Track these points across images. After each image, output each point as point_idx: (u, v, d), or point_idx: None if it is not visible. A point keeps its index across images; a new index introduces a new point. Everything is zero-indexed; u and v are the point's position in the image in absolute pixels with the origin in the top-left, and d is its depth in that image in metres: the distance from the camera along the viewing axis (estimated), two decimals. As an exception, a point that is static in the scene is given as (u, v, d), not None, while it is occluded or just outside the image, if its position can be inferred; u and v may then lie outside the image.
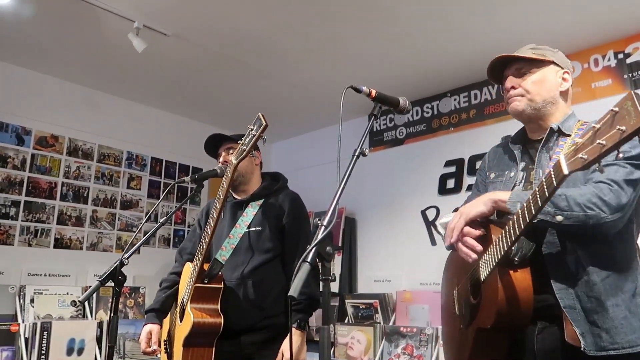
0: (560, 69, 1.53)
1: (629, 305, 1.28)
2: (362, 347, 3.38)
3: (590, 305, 1.28)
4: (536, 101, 1.50)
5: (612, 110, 0.90)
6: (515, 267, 1.30)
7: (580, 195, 1.26)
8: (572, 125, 1.48)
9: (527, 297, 1.28)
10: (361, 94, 1.49)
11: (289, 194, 2.25)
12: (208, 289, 2.00)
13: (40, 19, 2.84)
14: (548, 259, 1.33)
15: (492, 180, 1.62)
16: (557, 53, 1.56)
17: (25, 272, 3.26)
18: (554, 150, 1.45)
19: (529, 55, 1.53)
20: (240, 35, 2.99)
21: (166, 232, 4.09)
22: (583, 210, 1.24)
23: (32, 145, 3.46)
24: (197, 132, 4.30)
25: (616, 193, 1.25)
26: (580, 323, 1.28)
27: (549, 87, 1.50)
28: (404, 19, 2.80)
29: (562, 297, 1.30)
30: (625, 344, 1.25)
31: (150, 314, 2.24)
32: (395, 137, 3.99)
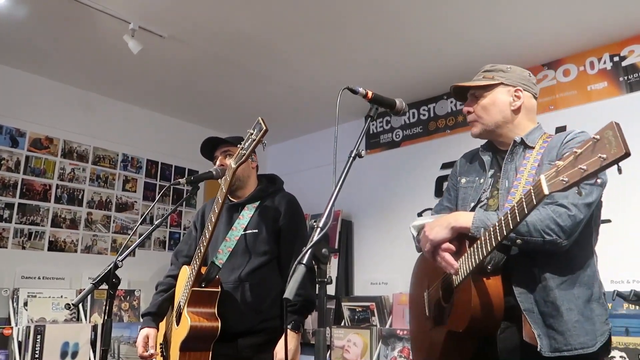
0: (511, 88, 1.61)
1: (582, 310, 1.37)
2: (359, 350, 3.37)
3: (546, 310, 1.37)
4: (488, 124, 1.62)
5: (594, 137, 0.96)
6: (488, 275, 1.38)
7: (539, 220, 1.35)
8: (536, 138, 1.58)
9: (498, 303, 1.37)
10: (357, 95, 1.48)
11: (285, 195, 2.25)
12: (205, 292, 1.98)
13: (35, 20, 2.83)
14: (512, 266, 1.42)
15: (463, 185, 1.72)
16: (509, 72, 1.64)
17: (19, 275, 3.23)
18: (520, 162, 1.54)
19: (475, 84, 1.64)
20: (237, 37, 2.99)
21: (162, 235, 4.06)
22: (541, 235, 1.34)
23: (26, 147, 3.43)
24: (193, 135, 4.29)
25: (573, 218, 1.35)
26: (538, 325, 1.37)
27: (500, 109, 1.60)
28: (400, 22, 2.80)
29: (522, 301, 1.39)
30: (578, 345, 1.34)
31: (147, 317, 2.22)
32: (392, 140, 3.99)
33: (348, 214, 4.04)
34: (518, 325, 1.41)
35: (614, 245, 2.75)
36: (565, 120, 3.10)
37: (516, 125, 1.61)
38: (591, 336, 1.36)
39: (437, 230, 1.48)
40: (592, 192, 1.39)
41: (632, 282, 2.60)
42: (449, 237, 1.47)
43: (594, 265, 1.46)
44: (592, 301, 1.41)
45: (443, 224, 1.48)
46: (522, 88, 1.62)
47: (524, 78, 1.65)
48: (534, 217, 1.34)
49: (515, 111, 1.60)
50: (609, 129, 0.94)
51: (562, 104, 3.15)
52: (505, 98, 1.61)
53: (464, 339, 1.43)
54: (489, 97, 1.62)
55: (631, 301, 2.18)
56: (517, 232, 1.33)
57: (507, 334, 1.44)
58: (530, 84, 1.65)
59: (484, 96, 1.62)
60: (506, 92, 1.61)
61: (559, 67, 3.20)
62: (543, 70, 3.26)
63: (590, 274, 1.43)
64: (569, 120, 3.08)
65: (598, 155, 0.94)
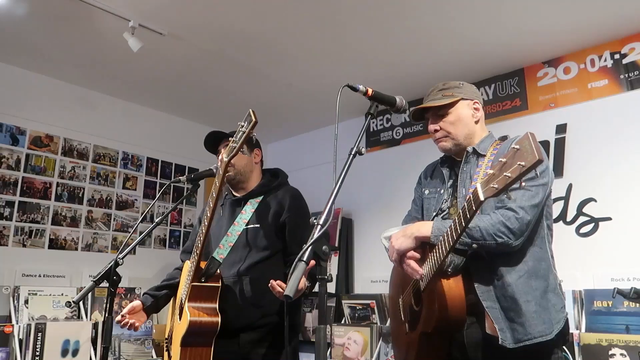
0: (470, 101, 1.75)
1: (539, 301, 1.49)
2: (359, 348, 3.37)
3: (507, 304, 1.48)
4: (458, 139, 1.74)
5: (514, 147, 1.10)
6: (448, 277, 1.49)
7: (491, 225, 1.48)
8: (487, 146, 1.71)
9: (459, 303, 1.48)
10: (358, 92, 1.49)
11: (289, 190, 2.23)
12: (205, 287, 1.98)
13: (35, 18, 2.82)
14: (472, 266, 1.54)
15: (427, 196, 1.86)
16: (463, 87, 1.76)
17: (20, 273, 3.23)
18: (474, 170, 1.67)
19: (439, 103, 1.73)
20: (237, 35, 2.98)
21: (162, 233, 4.07)
22: (494, 239, 1.47)
23: (26, 145, 3.43)
24: (193, 132, 4.29)
25: (521, 220, 1.48)
26: (499, 320, 1.48)
27: (465, 122, 1.73)
28: (401, 20, 2.80)
29: (484, 299, 1.50)
30: (537, 334, 1.45)
31: (145, 295, 2.27)
32: (392, 138, 3.99)
33: (348, 212, 4.04)
34: (481, 320, 1.52)
35: (613, 243, 2.76)
36: (565, 118, 3.10)
37: (475, 135, 1.75)
38: (548, 325, 1.47)
39: (402, 241, 1.61)
40: (537, 194, 1.51)
41: (632, 279, 2.60)
42: (412, 246, 1.58)
43: (548, 258, 1.58)
44: (548, 292, 1.52)
45: (407, 234, 1.61)
46: (477, 100, 1.76)
47: (475, 92, 1.79)
48: (486, 222, 1.48)
49: (477, 122, 1.75)
50: (526, 139, 1.07)
51: (563, 102, 3.15)
52: (467, 112, 1.74)
53: (435, 337, 1.55)
54: (453, 113, 1.73)
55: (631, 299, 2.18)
56: (472, 237, 1.47)
57: (472, 329, 1.55)
58: (479, 97, 1.80)
59: (449, 113, 1.73)
60: (467, 106, 1.74)
61: (559, 64, 3.19)
62: (544, 67, 3.25)
63: (545, 267, 1.55)
64: (570, 118, 3.08)
65: (517, 163, 1.07)
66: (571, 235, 2.90)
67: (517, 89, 3.36)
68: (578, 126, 3.04)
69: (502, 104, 3.41)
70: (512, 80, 3.39)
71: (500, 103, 3.41)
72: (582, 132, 3.01)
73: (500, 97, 3.42)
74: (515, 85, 3.37)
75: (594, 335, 2.49)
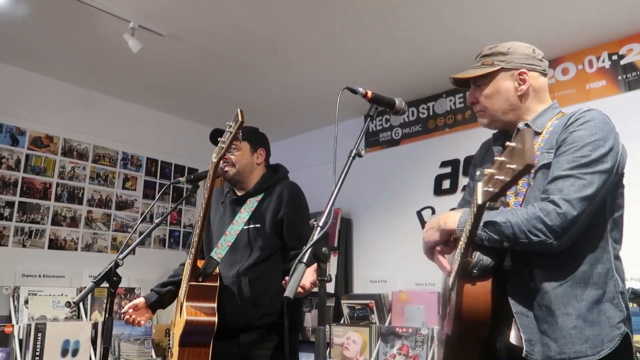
0: (514, 72, 1.49)
1: (584, 314, 1.25)
2: (358, 348, 3.38)
3: (541, 314, 1.28)
4: (494, 114, 1.51)
5: (510, 145, 0.93)
6: (474, 280, 1.29)
7: (525, 220, 1.25)
8: (545, 121, 1.46)
9: (484, 309, 1.27)
10: (357, 94, 1.49)
11: (288, 184, 2.22)
12: (203, 287, 1.98)
13: (35, 18, 2.83)
14: (507, 268, 1.34)
15: (478, 178, 1.61)
16: (509, 53, 1.50)
17: (20, 273, 3.24)
18: None
19: (474, 74, 1.51)
20: (237, 36, 2.99)
21: (162, 233, 4.07)
22: (528, 237, 1.24)
23: (26, 146, 3.44)
24: (193, 133, 4.31)
25: (563, 216, 1.23)
26: (529, 330, 1.28)
27: (505, 96, 1.48)
28: (400, 20, 2.81)
29: (515, 304, 1.30)
30: (573, 354, 1.23)
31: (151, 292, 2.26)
32: (391, 138, 4.00)
33: (347, 212, 4.04)
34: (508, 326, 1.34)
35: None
36: (564, 118, 3.11)
37: (526, 110, 1.49)
38: (592, 343, 1.23)
39: (430, 233, 1.42)
40: (592, 183, 1.25)
41: (630, 280, 2.61)
42: (439, 239, 1.39)
43: (608, 261, 1.32)
44: (603, 302, 1.27)
45: (435, 226, 1.41)
46: (526, 69, 1.48)
47: (527, 57, 1.51)
48: (520, 216, 1.26)
49: (523, 96, 1.48)
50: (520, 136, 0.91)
51: (561, 103, 3.11)
52: (509, 84, 1.48)
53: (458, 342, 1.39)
54: (491, 85, 1.49)
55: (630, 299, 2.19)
56: (502, 234, 1.26)
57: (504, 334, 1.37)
58: (535, 62, 1.51)
59: (487, 85, 1.50)
60: (509, 77, 1.48)
61: (557, 65, 3.20)
62: (542, 68, 3.26)
63: (602, 271, 1.30)
64: (568, 119, 3.09)
65: (508, 166, 0.93)
66: (569, 236, 2.91)
67: (516, 90, 3.37)
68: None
69: (500, 104, 3.42)
70: (511, 81, 3.40)
71: (498, 104, 3.42)
72: (581, 133, 3.02)
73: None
74: (513, 86, 3.38)
75: (592, 335, 2.50)
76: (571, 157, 1.28)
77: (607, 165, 1.29)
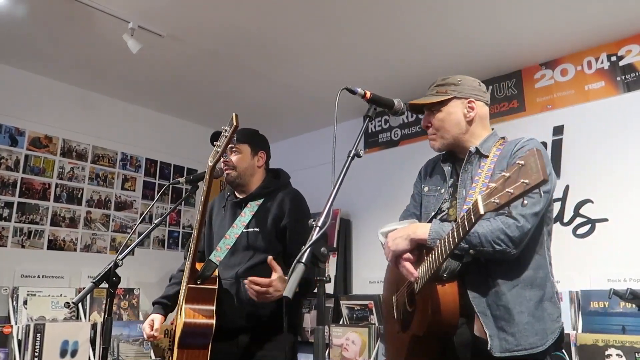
0: (464, 100, 1.69)
1: (532, 312, 1.46)
2: (357, 348, 3.38)
3: (499, 313, 1.46)
4: (446, 137, 1.70)
5: (519, 163, 1.07)
6: (443, 282, 1.48)
7: (490, 232, 1.44)
8: (490, 146, 1.65)
9: (453, 308, 1.47)
10: (356, 95, 1.50)
11: (290, 192, 2.21)
12: (202, 289, 1.98)
13: (34, 19, 2.83)
14: (468, 272, 1.52)
15: (426, 193, 1.81)
16: (460, 84, 1.71)
17: (19, 274, 3.24)
18: (475, 171, 1.62)
19: (429, 100, 1.70)
20: (236, 36, 2.99)
21: (161, 234, 4.07)
22: (492, 246, 1.43)
23: (25, 146, 3.44)
24: (192, 134, 4.31)
25: (521, 229, 1.44)
26: (490, 327, 1.46)
27: (455, 121, 1.68)
28: (400, 21, 2.81)
29: (476, 304, 1.49)
30: (527, 345, 1.43)
31: (156, 305, 2.24)
32: (390, 139, 4.00)
33: (347, 213, 4.05)
34: (471, 322, 1.51)
35: (610, 244, 2.77)
36: (562, 119, 3.11)
37: (472, 134, 1.69)
38: (541, 335, 1.45)
39: (398, 242, 1.57)
40: (539, 202, 1.47)
41: (628, 280, 2.62)
42: (408, 248, 1.54)
43: (546, 267, 1.55)
44: (544, 301, 1.50)
45: (403, 236, 1.56)
46: (474, 99, 1.70)
47: (474, 88, 1.72)
48: (486, 228, 1.44)
49: (470, 122, 1.69)
50: (532, 155, 1.05)
51: (560, 104, 3.17)
52: (459, 111, 1.69)
53: (425, 341, 1.53)
54: (444, 111, 1.69)
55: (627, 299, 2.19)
56: (470, 243, 1.44)
57: (463, 330, 1.53)
58: (481, 93, 1.73)
59: (440, 110, 1.70)
60: (460, 105, 1.69)
61: (556, 66, 3.21)
62: (541, 69, 3.27)
63: (542, 275, 1.52)
64: (567, 120, 3.10)
65: (521, 180, 1.05)
66: (568, 237, 2.91)
67: (515, 91, 3.38)
68: (575, 128, 3.06)
69: (499, 105, 3.42)
70: (510, 82, 3.41)
71: (498, 104, 3.42)
72: (579, 134, 3.03)
73: (498, 98, 3.43)
74: (512, 87, 3.39)
75: (591, 336, 2.51)
76: None
77: (549, 187, 1.51)
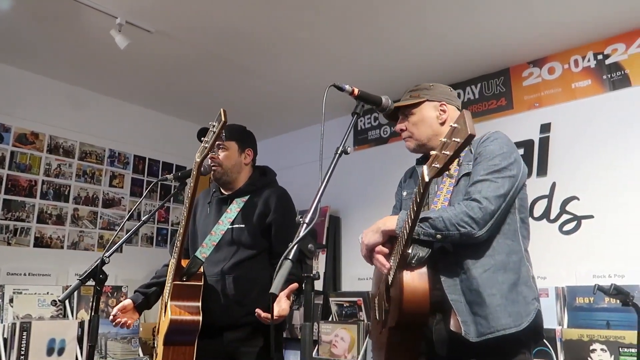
0: (436, 103, 1.76)
1: (506, 294, 1.47)
2: (346, 345, 3.40)
3: (472, 298, 1.48)
4: (420, 139, 1.76)
5: (452, 125, 1.14)
6: (412, 269, 1.47)
7: (454, 215, 1.48)
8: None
9: (422, 295, 1.45)
10: (344, 92, 1.50)
11: (276, 190, 2.22)
12: (187, 286, 1.97)
13: (21, 14, 2.79)
14: (439, 260, 1.54)
15: (404, 198, 1.86)
16: (432, 89, 1.78)
17: (5, 272, 3.20)
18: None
19: (403, 103, 1.77)
20: (225, 33, 2.98)
21: (149, 231, 4.05)
22: (457, 229, 1.46)
23: (11, 143, 3.40)
24: (180, 130, 4.28)
25: (484, 210, 1.48)
26: (463, 313, 1.48)
27: (428, 123, 1.75)
28: (386, 20, 2.82)
29: (450, 292, 1.50)
30: (500, 327, 1.43)
31: (135, 293, 2.25)
32: (380, 136, 4.01)
33: (336, 210, 4.05)
34: (447, 317, 1.51)
35: (595, 241, 2.81)
36: (550, 117, 3.14)
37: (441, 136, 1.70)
38: (515, 317, 1.45)
39: (370, 236, 1.61)
40: (503, 185, 1.52)
41: (613, 276, 2.65)
42: (380, 240, 1.58)
43: (520, 251, 1.57)
44: (519, 284, 1.51)
45: (374, 229, 1.60)
46: (446, 102, 1.76)
47: (446, 93, 1.79)
48: (450, 212, 1.48)
49: (442, 124, 1.74)
50: (461, 117, 1.11)
51: (547, 101, 3.20)
52: (432, 113, 1.75)
53: (401, 334, 1.52)
54: (417, 114, 1.76)
55: (612, 295, 2.22)
56: (435, 227, 1.47)
57: (440, 326, 1.55)
58: (452, 98, 1.79)
59: (413, 113, 1.76)
60: (432, 108, 1.75)
61: (544, 64, 3.24)
62: (529, 67, 3.30)
63: (516, 260, 1.54)
64: (554, 118, 3.13)
65: (453, 139, 1.11)
66: (554, 233, 2.95)
67: (503, 89, 3.40)
68: (562, 125, 3.09)
69: (487, 103, 3.45)
70: (498, 80, 3.43)
71: (486, 102, 3.45)
72: (566, 132, 3.06)
73: (486, 96, 3.46)
74: (500, 85, 3.42)
75: (576, 331, 2.54)
76: (486, 165, 1.56)
77: (513, 172, 1.56)
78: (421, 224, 1.47)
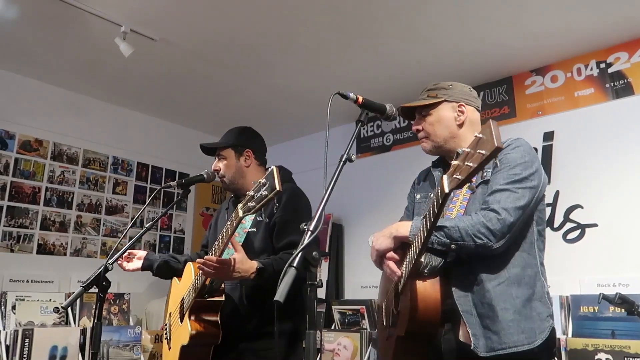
0: (454, 104, 1.71)
1: (519, 309, 1.42)
2: (349, 353, 3.37)
3: (483, 311, 1.44)
4: (437, 141, 1.71)
5: (477, 136, 1.07)
6: (424, 279, 1.44)
7: (471, 226, 1.42)
8: None
9: (433, 305, 1.42)
10: (348, 100, 1.50)
11: (288, 188, 2.13)
12: (208, 302, 1.97)
13: (26, 22, 2.82)
14: (453, 270, 1.49)
15: (418, 201, 1.82)
16: (450, 89, 1.73)
17: (7, 278, 3.20)
18: None
19: (421, 103, 1.72)
20: (228, 42, 2.99)
21: (152, 238, 4.05)
22: (473, 240, 1.41)
23: (15, 150, 3.41)
24: (184, 138, 4.30)
25: (502, 222, 1.42)
26: (474, 326, 1.43)
27: (446, 124, 1.69)
28: (389, 28, 2.83)
29: (460, 303, 1.46)
30: (512, 343, 1.39)
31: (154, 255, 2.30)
32: (383, 144, 4.01)
33: (339, 217, 4.05)
34: (457, 327, 1.48)
35: (599, 249, 2.80)
36: (552, 125, 3.14)
37: (462, 138, 1.68)
38: (528, 334, 1.40)
39: (382, 241, 1.57)
40: (523, 196, 1.46)
41: (617, 285, 2.64)
42: (392, 246, 1.54)
43: (536, 265, 1.52)
44: (533, 300, 1.46)
45: (386, 234, 1.56)
46: (464, 103, 1.71)
47: (465, 93, 1.74)
48: (466, 222, 1.43)
49: (460, 125, 1.69)
50: (487, 127, 1.05)
51: (550, 110, 3.20)
52: (450, 114, 1.70)
53: (409, 343, 1.48)
54: (434, 114, 1.71)
55: (616, 304, 2.21)
56: (450, 237, 1.42)
57: (449, 336, 1.51)
58: (472, 98, 1.74)
59: (430, 114, 1.71)
60: (450, 108, 1.70)
61: (547, 73, 3.24)
62: (531, 76, 3.30)
63: (531, 274, 1.49)
64: (557, 126, 3.13)
65: (478, 151, 1.04)
66: (558, 242, 2.94)
67: (506, 97, 3.40)
68: (565, 134, 3.09)
69: (490, 111, 3.45)
70: (501, 88, 3.44)
71: (489, 110, 3.45)
72: (569, 140, 3.06)
73: (489, 104, 3.46)
74: (503, 93, 3.42)
75: (581, 340, 2.52)
76: (506, 174, 1.49)
77: (534, 182, 1.50)
78: (436, 233, 1.42)
